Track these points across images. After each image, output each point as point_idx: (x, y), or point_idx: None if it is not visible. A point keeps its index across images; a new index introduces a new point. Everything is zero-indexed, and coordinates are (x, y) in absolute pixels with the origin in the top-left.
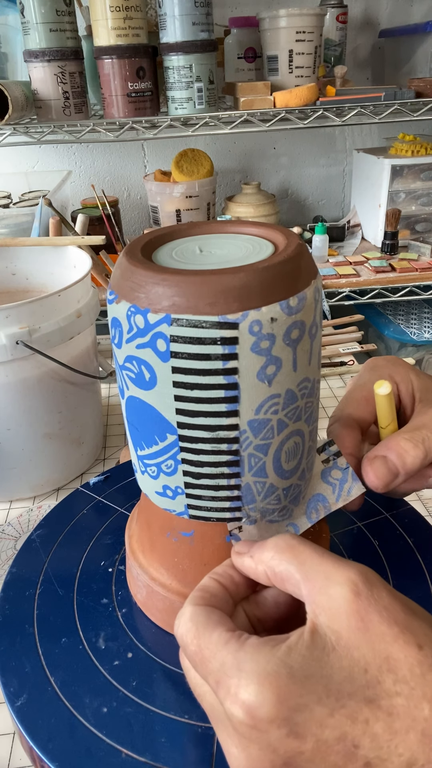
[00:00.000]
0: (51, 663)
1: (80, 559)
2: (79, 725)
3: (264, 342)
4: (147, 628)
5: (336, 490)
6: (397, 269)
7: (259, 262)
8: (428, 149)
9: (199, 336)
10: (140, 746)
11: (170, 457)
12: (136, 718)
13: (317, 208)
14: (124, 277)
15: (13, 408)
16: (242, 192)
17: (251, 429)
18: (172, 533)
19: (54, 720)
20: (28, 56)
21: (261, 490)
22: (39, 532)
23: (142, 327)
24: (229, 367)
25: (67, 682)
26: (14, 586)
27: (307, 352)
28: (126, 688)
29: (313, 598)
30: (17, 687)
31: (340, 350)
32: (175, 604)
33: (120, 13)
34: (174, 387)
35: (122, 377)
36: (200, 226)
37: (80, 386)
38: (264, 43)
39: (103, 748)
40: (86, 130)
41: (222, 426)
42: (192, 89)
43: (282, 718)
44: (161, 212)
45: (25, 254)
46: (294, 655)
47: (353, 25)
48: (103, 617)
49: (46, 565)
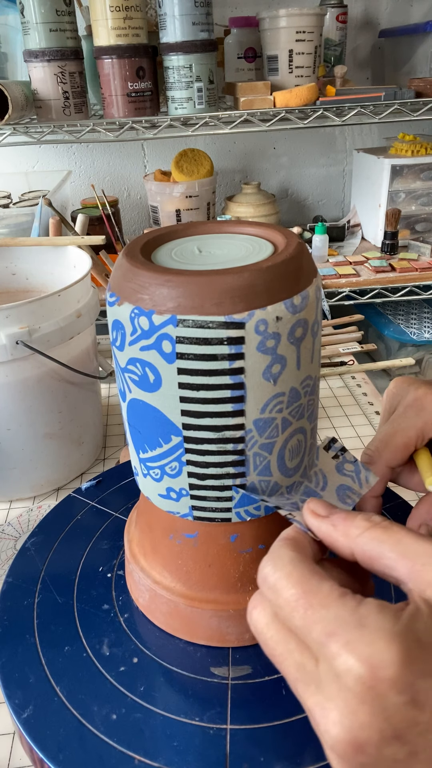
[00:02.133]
0: (55, 672)
1: (77, 565)
2: (89, 734)
3: (270, 341)
4: (151, 632)
5: (355, 479)
6: (397, 269)
7: (262, 262)
8: (428, 149)
9: (206, 336)
10: (153, 751)
11: (175, 459)
12: (147, 723)
13: (317, 208)
14: (126, 279)
15: (13, 408)
16: (242, 192)
17: (257, 428)
18: (176, 535)
19: (63, 730)
20: (28, 56)
21: (266, 488)
22: (33, 539)
23: (147, 329)
24: (236, 366)
25: (74, 691)
26: (11, 595)
27: (309, 350)
28: (134, 694)
29: (420, 576)
30: (22, 699)
31: (340, 350)
32: (179, 607)
33: (120, 13)
34: (180, 388)
35: (124, 380)
36: (198, 226)
37: (80, 386)
38: (264, 43)
39: (115, 755)
40: (86, 130)
41: (228, 426)
42: (192, 89)
43: (405, 682)
44: (161, 212)
45: (25, 254)
46: (419, 623)
47: (353, 25)
48: (106, 623)
49: (42, 573)
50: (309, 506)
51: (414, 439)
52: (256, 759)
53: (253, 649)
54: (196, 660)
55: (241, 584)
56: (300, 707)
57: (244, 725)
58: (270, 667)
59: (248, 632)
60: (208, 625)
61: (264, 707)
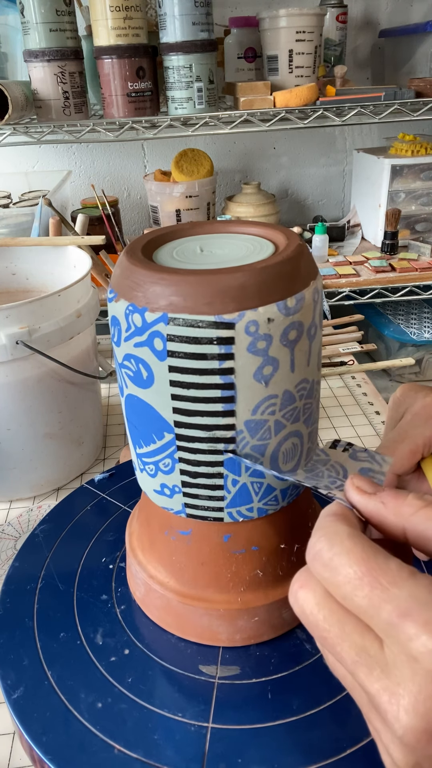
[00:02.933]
0: (49, 657)
1: (82, 555)
2: (74, 719)
3: (261, 342)
4: (145, 625)
5: (373, 461)
6: (397, 269)
7: (257, 263)
8: (428, 149)
9: (196, 335)
10: (133, 742)
11: (168, 455)
12: (131, 714)
13: (317, 208)
14: (124, 276)
15: (13, 408)
16: (242, 192)
17: (248, 429)
18: (171, 531)
19: (49, 713)
20: (28, 56)
21: (258, 490)
22: (43, 527)
23: (140, 326)
24: (226, 367)
25: (64, 677)
26: (16, 579)
27: (305, 353)
28: (121, 685)
29: None
30: (14, 680)
31: (340, 350)
32: (171, 602)
33: (120, 13)
34: (171, 386)
35: (121, 375)
36: (202, 225)
37: (80, 386)
38: (264, 43)
39: (97, 743)
40: (86, 130)
41: (218, 426)
42: (192, 89)
43: None
44: (161, 212)
45: (25, 254)
46: None
47: (353, 25)
48: (102, 613)
49: (48, 560)
50: (353, 483)
51: (421, 447)
52: (233, 760)
53: (243, 650)
54: (186, 656)
55: (233, 584)
56: (284, 713)
57: (226, 725)
58: (258, 670)
59: (239, 633)
60: (199, 623)
61: (248, 709)
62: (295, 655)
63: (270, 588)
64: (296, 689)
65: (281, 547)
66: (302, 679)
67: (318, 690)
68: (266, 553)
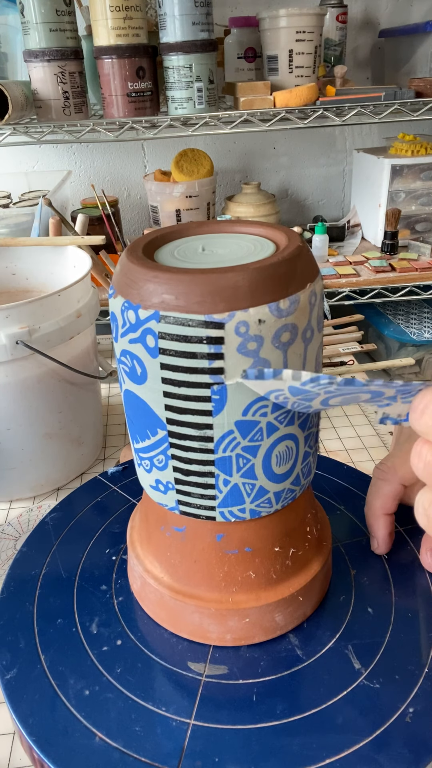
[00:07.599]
0: (44, 642)
1: (87, 545)
2: (61, 704)
3: (251, 343)
4: (140, 618)
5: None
6: (397, 269)
7: (251, 263)
8: (428, 149)
9: (186, 334)
10: (115, 732)
11: (161, 452)
12: (115, 704)
13: (317, 208)
14: (122, 273)
15: (13, 408)
16: (242, 192)
17: (239, 429)
18: (166, 527)
19: (38, 696)
20: (28, 56)
21: (250, 491)
22: (53, 515)
23: (134, 322)
24: (215, 366)
25: (56, 662)
26: (22, 564)
27: (300, 356)
28: (110, 674)
29: None
30: (9, 661)
31: (340, 350)
32: (164, 597)
33: (120, 13)
34: (162, 383)
35: (120, 370)
36: (205, 225)
37: (80, 386)
38: (264, 43)
39: (80, 729)
40: (86, 130)
41: (209, 425)
42: (192, 89)
43: None
44: (161, 212)
45: (25, 254)
46: None
47: (353, 25)
48: (100, 603)
49: (54, 548)
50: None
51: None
52: (210, 758)
53: (233, 650)
54: (176, 652)
55: (225, 584)
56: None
57: (207, 723)
58: (246, 671)
59: (229, 633)
60: (191, 620)
61: (231, 709)
62: (285, 660)
63: (262, 590)
64: (282, 694)
65: (275, 550)
66: (289, 685)
67: (304, 697)
68: (259, 555)
